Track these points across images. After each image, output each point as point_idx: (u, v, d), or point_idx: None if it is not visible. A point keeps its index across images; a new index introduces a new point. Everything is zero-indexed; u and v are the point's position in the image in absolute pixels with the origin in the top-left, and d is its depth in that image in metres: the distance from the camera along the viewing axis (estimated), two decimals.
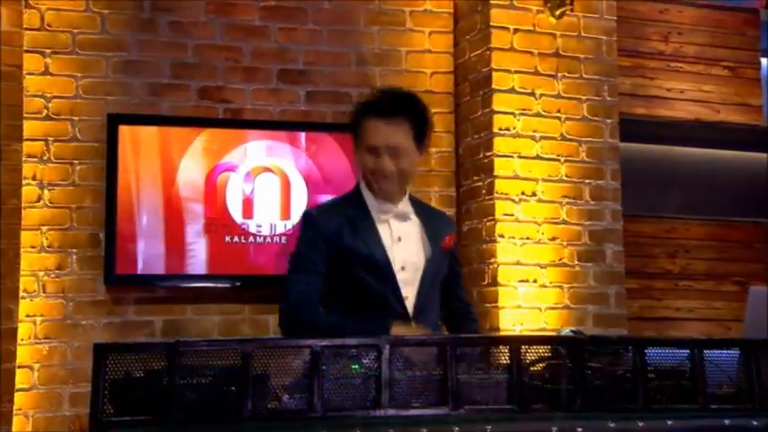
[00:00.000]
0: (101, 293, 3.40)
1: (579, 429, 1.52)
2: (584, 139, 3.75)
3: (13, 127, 3.59)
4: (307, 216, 2.41)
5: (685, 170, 4.48)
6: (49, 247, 3.39)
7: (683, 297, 4.10)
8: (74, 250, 3.40)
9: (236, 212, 3.47)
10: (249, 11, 3.67)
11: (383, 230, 2.25)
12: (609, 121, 3.81)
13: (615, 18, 3.89)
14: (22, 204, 3.40)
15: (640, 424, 1.56)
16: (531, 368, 1.66)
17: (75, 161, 3.45)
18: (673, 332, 4.03)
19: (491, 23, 3.61)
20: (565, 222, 3.66)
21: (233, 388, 1.49)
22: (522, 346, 1.63)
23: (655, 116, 4.07)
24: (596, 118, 3.79)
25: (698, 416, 1.65)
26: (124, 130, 3.41)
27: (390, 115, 2.23)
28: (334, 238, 2.19)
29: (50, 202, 3.39)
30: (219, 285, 3.51)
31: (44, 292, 3.40)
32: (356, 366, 1.66)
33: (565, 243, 3.66)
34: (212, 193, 3.47)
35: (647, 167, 4.16)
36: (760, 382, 1.66)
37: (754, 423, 1.64)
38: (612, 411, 1.60)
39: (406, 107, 2.27)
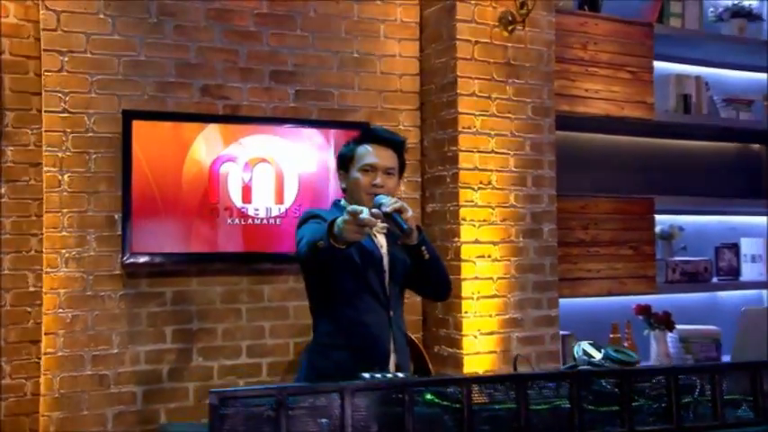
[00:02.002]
0: (117, 269, 3.46)
1: None
2: (528, 135, 3.98)
3: (21, 113, 3.70)
4: (310, 211, 2.63)
5: (597, 155, 4.80)
6: (69, 227, 3.43)
7: (592, 261, 4.38)
8: (91, 230, 3.44)
9: (236, 198, 3.58)
10: (245, 17, 3.71)
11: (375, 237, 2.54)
12: (547, 119, 4.07)
13: (554, 32, 4.12)
14: (44, 189, 3.38)
15: None
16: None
17: (92, 151, 3.45)
18: (585, 289, 4.35)
19: (456, 36, 3.77)
20: (512, 206, 3.91)
21: None
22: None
23: (575, 112, 4.26)
24: (538, 117, 4.03)
25: None
26: (138, 125, 3.44)
27: (386, 145, 2.55)
28: None
29: (69, 188, 3.42)
30: (222, 261, 3.63)
31: (66, 267, 3.54)
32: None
33: (512, 224, 3.91)
34: (215, 180, 3.55)
35: (568, 154, 4.38)
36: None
37: None
38: None
39: (396, 143, 2.60)
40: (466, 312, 3.76)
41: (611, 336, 4.53)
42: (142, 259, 3.48)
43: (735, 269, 5.13)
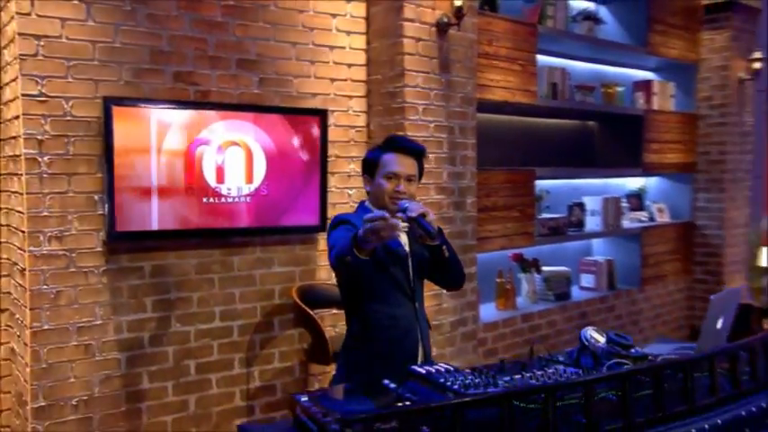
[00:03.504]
0: (98, 246, 3.38)
1: None
2: (456, 121, 4.22)
3: None
4: (339, 216, 2.61)
5: (494, 134, 5.17)
6: (50, 208, 3.27)
7: (491, 223, 4.63)
8: (72, 210, 3.32)
9: (210, 178, 3.58)
10: (213, 8, 3.63)
11: (399, 236, 2.50)
12: (471, 107, 4.32)
13: (476, 33, 4.35)
14: (24, 172, 3.23)
15: None
16: None
17: (70, 134, 3.29)
18: (487, 246, 4.69)
19: (404, 34, 3.90)
20: (445, 183, 4.16)
21: None
22: None
23: (483, 99, 4.52)
24: (464, 106, 4.28)
25: None
26: (118, 111, 3.33)
27: (408, 153, 2.58)
28: None
29: (49, 170, 3.26)
30: (197, 236, 3.63)
31: (49, 245, 3.30)
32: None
33: (444, 197, 4.17)
34: (191, 163, 3.52)
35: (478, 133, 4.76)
36: None
37: None
38: None
39: (418, 151, 2.62)
40: None
41: (498, 280, 5.10)
42: (124, 237, 3.42)
43: (581, 222, 5.85)
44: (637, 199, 6.69)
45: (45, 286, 3.34)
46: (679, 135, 6.68)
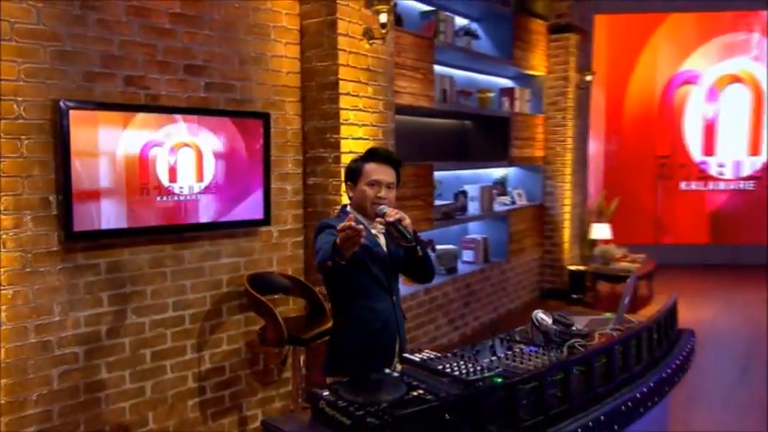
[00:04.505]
0: (54, 246, 3.00)
1: None
2: (380, 124, 4.09)
3: None
4: (323, 222, 2.50)
5: (404, 133, 5.06)
6: (5, 210, 2.86)
7: (403, 211, 4.94)
8: (27, 212, 2.91)
9: (164, 178, 3.27)
10: (161, 15, 3.29)
11: (378, 237, 2.52)
12: (391, 112, 4.22)
13: (394, 45, 4.30)
14: None
15: None
16: None
17: (23, 137, 2.87)
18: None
19: (338, 47, 3.75)
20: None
21: None
22: None
23: (395, 103, 4.40)
24: (386, 111, 4.16)
25: None
26: (72, 114, 2.95)
27: (387, 163, 2.52)
28: None
29: (3, 173, 2.85)
30: (152, 233, 3.31)
31: (4, 247, 2.97)
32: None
33: None
34: (145, 163, 3.20)
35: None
36: None
37: None
38: None
39: (395, 161, 2.57)
40: None
41: None
42: (81, 236, 3.05)
43: (465, 207, 6.02)
44: (501, 186, 6.96)
45: (2, 287, 2.91)
46: (533, 133, 7.02)
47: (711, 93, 9.81)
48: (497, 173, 7.02)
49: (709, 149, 9.87)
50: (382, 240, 2.55)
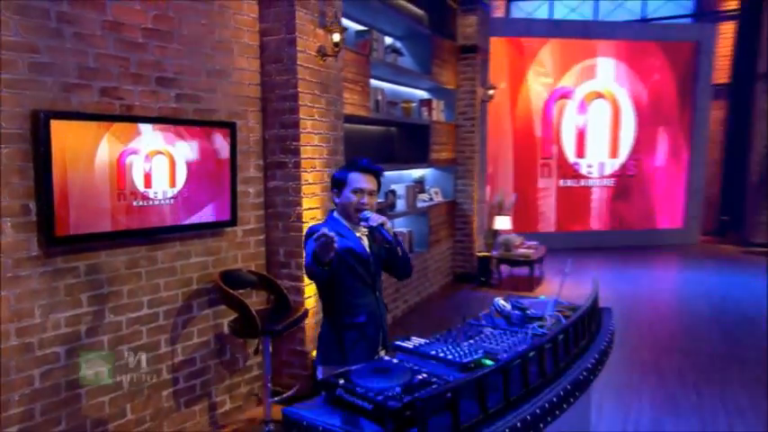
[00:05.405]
0: (34, 251, 2.76)
1: None
2: (332, 132, 4.07)
3: None
4: (311, 228, 2.43)
5: (347, 139, 5.26)
6: None
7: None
8: (7, 218, 2.66)
9: (140, 184, 3.10)
10: (134, 30, 3.09)
11: (362, 240, 2.49)
12: (340, 121, 4.19)
13: (344, 60, 4.32)
14: None
15: None
16: None
17: (2, 146, 2.62)
18: None
19: (297, 63, 3.68)
20: (326, 182, 3.95)
21: None
22: None
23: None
24: (337, 120, 4.13)
25: None
26: (52, 124, 2.71)
27: (370, 173, 2.49)
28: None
29: None
30: (129, 236, 3.11)
31: None
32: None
33: (326, 194, 3.98)
34: (122, 170, 3.01)
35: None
36: None
37: None
38: None
39: (377, 172, 2.53)
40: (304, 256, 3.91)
41: None
42: (62, 241, 2.83)
43: (394, 204, 6.11)
44: (420, 185, 7.11)
45: None
46: (447, 139, 7.21)
47: (581, 106, 10.47)
48: (416, 173, 7.16)
49: (580, 153, 10.55)
50: (365, 242, 2.53)
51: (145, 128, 3.15)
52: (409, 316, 6.12)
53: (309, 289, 3.91)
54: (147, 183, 3.17)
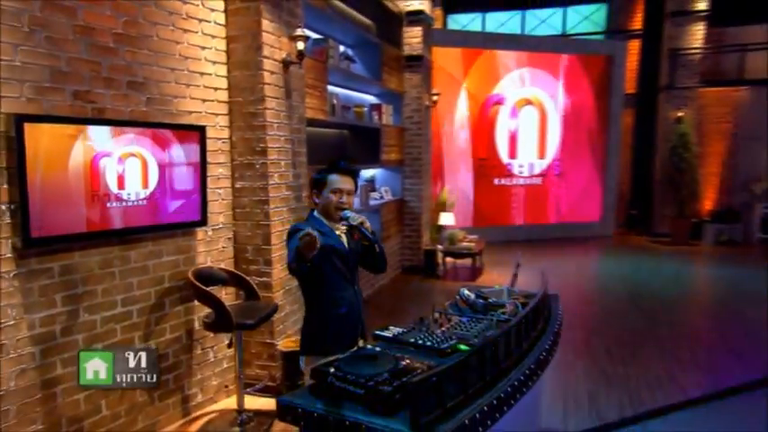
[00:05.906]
0: (8, 253, 2.61)
1: None
2: (296, 135, 4.04)
3: None
4: (294, 226, 2.45)
5: (316, 141, 5.25)
6: None
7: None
8: None
9: (113, 185, 2.97)
10: (105, 35, 2.96)
11: (341, 237, 2.49)
12: (303, 125, 4.17)
13: (305, 66, 4.23)
14: None
15: None
16: None
17: None
18: None
19: (263, 68, 3.63)
20: (291, 182, 3.97)
21: None
22: None
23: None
24: (300, 123, 4.11)
25: None
26: (26, 127, 2.58)
27: (348, 174, 2.51)
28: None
29: None
30: (102, 237, 2.98)
31: None
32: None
33: (291, 193, 3.99)
34: (96, 172, 2.88)
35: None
36: None
37: None
38: None
39: (354, 172, 2.56)
40: (273, 254, 3.86)
41: None
42: (37, 243, 2.69)
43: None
44: (371, 184, 7.15)
45: None
46: (396, 141, 7.29)
47: (513, 111, 10.81)
48: (367, 173, 7.20)
49: (512, 154, 10.90)
50: (344, 239, 2.54)
51: (117, 131, 3.02)
52: (364, 307, 6.15)
53: (278, 284, 3.87)
54: (121, 184, 3.06)
